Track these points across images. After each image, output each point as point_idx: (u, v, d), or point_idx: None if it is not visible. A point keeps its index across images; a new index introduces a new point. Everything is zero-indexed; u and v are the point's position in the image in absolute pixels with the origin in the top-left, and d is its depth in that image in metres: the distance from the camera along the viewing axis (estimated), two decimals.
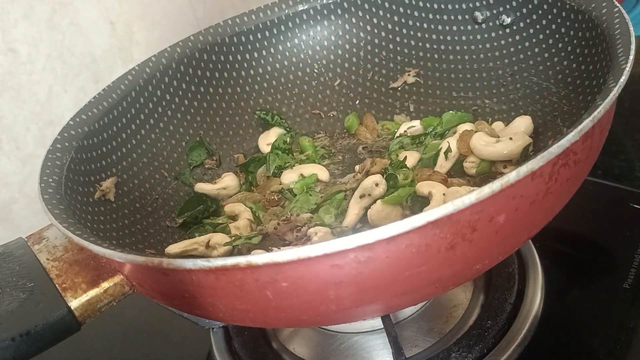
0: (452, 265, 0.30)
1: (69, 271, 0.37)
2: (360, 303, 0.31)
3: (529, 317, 0.44)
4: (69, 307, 0.35)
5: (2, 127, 0.63)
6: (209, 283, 0.30)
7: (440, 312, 0.47)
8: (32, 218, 0.67)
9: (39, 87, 0.65)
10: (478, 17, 0.54)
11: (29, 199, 0.66)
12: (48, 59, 0.65)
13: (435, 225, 0.27)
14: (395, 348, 0.42)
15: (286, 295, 0.29)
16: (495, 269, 0.48)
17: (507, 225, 0.30)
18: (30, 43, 0.63)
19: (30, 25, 0.63)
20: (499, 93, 0.53)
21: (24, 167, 0.65)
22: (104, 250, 0.32)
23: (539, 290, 0.46)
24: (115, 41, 0.70)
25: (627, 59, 0.34)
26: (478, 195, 0.27)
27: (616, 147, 0.63)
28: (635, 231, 0.50)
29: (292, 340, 0.49)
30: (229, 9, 0.80)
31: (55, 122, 0.66)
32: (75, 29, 0.66)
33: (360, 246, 0.27)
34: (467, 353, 0.42)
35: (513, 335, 0.43)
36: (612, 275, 0.47)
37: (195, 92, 0.57)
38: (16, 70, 0.63)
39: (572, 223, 0.53)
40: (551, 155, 0.28)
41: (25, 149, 0.65)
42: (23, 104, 0.64)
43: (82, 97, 0.67)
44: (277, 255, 0.27)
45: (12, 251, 0.39)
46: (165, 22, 0.74)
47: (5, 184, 0.64)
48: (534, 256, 0.49)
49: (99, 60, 0.69)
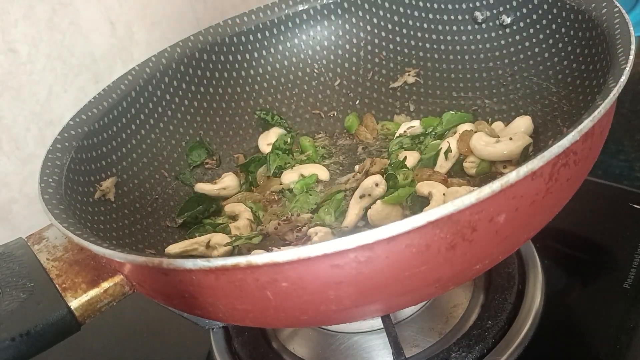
0: (453, 266, 0.30)
1: (69, 271, 0.37)
2: (361, 303, 0.30)
3: (529, 317, 0.44)
4: (69, 307, 0.35)
5: (2, 127, 0.63)
6: (209, 283, 0.30)
7: (440, 312, 0.47)
8: (32, 218, 0.67)
9: (39, 87, 0.65)
10: (478, 17, 0.54)
11: (28, 199, 0.66)
12: (48, 59, 0.65)
13: (435, 225, 0.27)
14: (395, 348, 0.42)
15: (286, 295, 0.29)
16: (495, 269, 0.48)
17: (507, 225, 0.30)
18: (30, 43, 0.63)
19: (30, 25, 0.63)
20: (499, 93, 0.53)
21: (24, 167, 0.65)
22: (104, 250, 0.32)
23: (539, 290, 0.46)
24: (115, 41, 0.70)
25: (627, 59, 0.34)
26: (478, 195, 0.27)
27: (616, 147, 0.63)
28: (635, 231, 0.50)
29: (292, 340, 0.49)
30: (229, 9, 0.80)
31: (55, 122, 0.66)
32: (76, 29, 0.66)
33: (360, 246, 0.27)
34: (467, 353, 0.42)
35: (513, 335, 0.43)
36: (612, 275, 0.47)
37: (195, 92, 0.57)
38: (16, 70, 0.63)
39: (572, 223, 0.53)
40: (551, 155, 0.28)
41: (25, 149, 0.65)
42: (23, 104, 0.64)
43: (82, 97, 0.67)
44: (277, 255, 0.27)
45: (12, 251, 0.39)
46: (165, 22, 0.74)
47: (5, 184, 0.64)
48: (534, 256, 0.49)
49: (99, 61, 0.69)
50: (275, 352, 0.48)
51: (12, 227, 0.65)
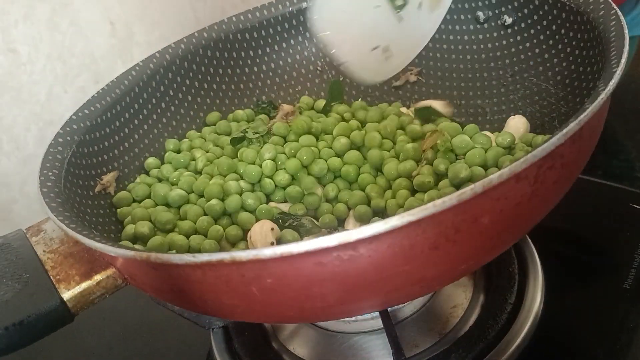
0: (436, 266, 0.30)
1: (63, 263, 0.38)
2: (345, 301, 0.31)
3: (529, 317, 0.44)
4: (62, 298, 0.36)
5: (2, 127, 0.63)
6: (197, 278, 0.30)
7: (440, 312, 0.47)
8: (33, 218, 0.66)
9: (39, 88, 0.65)
10: (480, 17, 0.54)
11: (29, 199, 0.66)
12: (48, 60, 0.65)
13: (417, 225, 0.27)
14: (395, 348, 0.42)
15: (271, 291, 0.29)
16: (495, 269, 0.48)
17: (491, 226, 0.30)
18: (30, 43, 0.63)
19: (31, 26, 0.63)
20: (499, 93, 0.53)
21: (24, 167, 0.65)
22: (95, 244, 0.32)
23: (539, 290, 0.46)
24: (115, 41, 0.70)
25: (619, 62, 0.34)
26: (460, 197, 0.27)
27: (616, 147, 0.63)
28: (635, 231, 0.50)
29: (292, 341, 0.49)
30: (230, 8, 0.80)
31: (56, 123, 0.66)
32: (76, 30, 0.66)
33: (342, 244, 0.27)
34: (467, 353, 0.42)
35: (513, 335, 0.43)
36: (612, 275, 0.47)
37: (198, 89, 0.58)
38: (16, 71, 0.63)
39: (572, 223, 0.53)
40: (535, 158, 0.28)
41: (26, 149, 0.65)
42: (23, 104, 0.64)
43: (82, 98, 0.66)
44: (261, 251, 0.27)
45: (11, 242, 0.40)
46: (165, 22, 0.74)
47: (5, 184, 0.64)
48: (534, 256, 0.49)
49: (99, 61, 0.69)
50: (275, 352, 0.48)
51: (13, 227, 0.64)
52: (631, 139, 0.64)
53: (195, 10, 0.77)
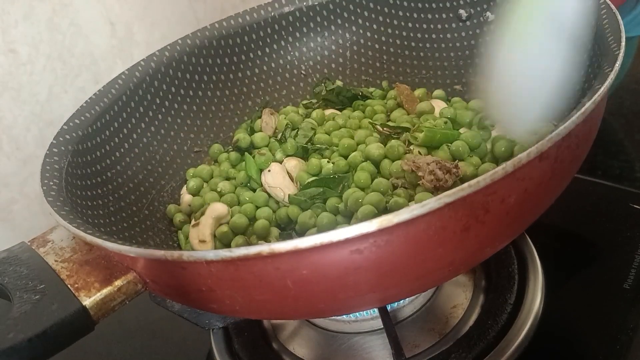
0: (466, 247, 0.30)
1: (79, 271, 0.37)
2: (377, 289, 0.31)
3: (529, 317, 0.44)
4: (84, 306, 0.35)
5: (2, 127, 0.63)
6: (229, 274, 0.30)
7: (440, 313, 0.47)
8: (33, 219, 0.67)
9: (39, 88, 0.65)
10: (462, 15, 0.55)
11: (29, 199, 0.66)
12: (48, 60, 0.65)
13: (451, 207, 0.28)
14: (395, 348, 0.42)
15: (306, 283, 0.29)
16: (495, 269, 0.48)
17: (516, 206, 0.30)
18: (30, 43, 0.63)
19: (31, 26, 0.63)
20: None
21: (24, 167, 0.65)
22: (120, 247, 0.32)
23: (539, 290, 0.46)
24: (115, 42, 0.70)
25: (619, 46, 0.35)
26: (493, 176, 0.27)
27: (616, 147, 0.63)
28: (635, 231, 0.50)
29: (292, 341, 0.49)
30: (229, 9, 0.80)
31: (56, 123, 0.66)
32: (76, 30, 0.66)
33: (380, 230, 0.27)
34: (467, 353, 0.42)
35: (513, 335, 0.43)
36: (612, 275, 0.47)
37: (185, 96, 0.57)
38: (16, 71, 0.63)
39: (572, 223, 0.53)
40: (558, 137, 0.29)
41: (26, 149, 0.65)
42: (23, 105, 0.64)
43: (82, 98, 0.66)
44: (300, 241, 0.27)
45: (17, 255, 0.39)
46: (165, 23, 0.74)
47: (5, 184, 0.64)
48: (534, 256, 0.49)
49: (99, 61, 0.69)
50: (275, 352, 0.48)
51: (13, 227, 0.65)
52: (631, 139, 0.64)
53: (195, 10, 0.77)
